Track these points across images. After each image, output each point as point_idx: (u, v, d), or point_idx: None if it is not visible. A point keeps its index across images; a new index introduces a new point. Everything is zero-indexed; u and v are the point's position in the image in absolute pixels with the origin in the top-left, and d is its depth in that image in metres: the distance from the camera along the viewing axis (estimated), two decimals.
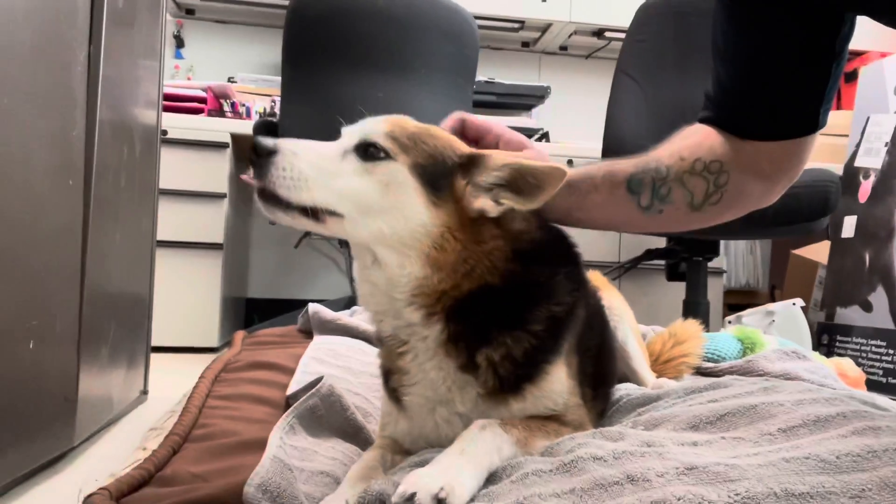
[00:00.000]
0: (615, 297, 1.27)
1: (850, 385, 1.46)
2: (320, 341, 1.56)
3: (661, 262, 2.94)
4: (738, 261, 3.80)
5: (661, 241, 2.92)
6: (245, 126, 2.86)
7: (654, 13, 2.77)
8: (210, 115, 3.05)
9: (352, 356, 1.44)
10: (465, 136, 1.02)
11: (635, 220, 1.12)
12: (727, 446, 0.79)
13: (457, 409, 0.86)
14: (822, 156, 3.36)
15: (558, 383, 0.88)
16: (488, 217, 0.87)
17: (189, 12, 3.68)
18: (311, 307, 1.79)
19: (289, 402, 1.13)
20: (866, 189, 2.84)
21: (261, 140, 0.83)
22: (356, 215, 0.84)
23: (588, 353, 0.97)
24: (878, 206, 2.77)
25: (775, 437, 0.81)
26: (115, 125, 1.49)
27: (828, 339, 2.81)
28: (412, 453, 0.88)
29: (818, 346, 2.77)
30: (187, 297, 2.82)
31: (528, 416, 0.87)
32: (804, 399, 0.88)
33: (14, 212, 1.08)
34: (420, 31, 2.47)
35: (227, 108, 3.12)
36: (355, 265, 0.92)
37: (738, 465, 0.70)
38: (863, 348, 2.64)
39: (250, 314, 3.54)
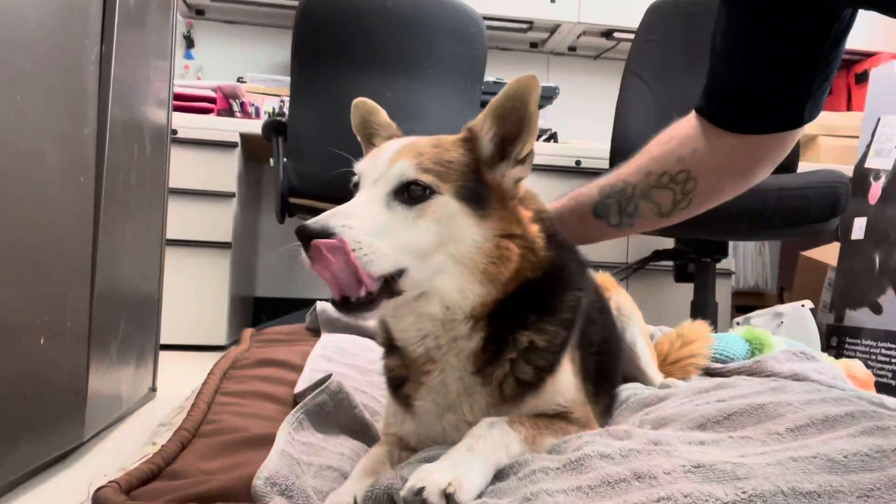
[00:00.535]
0: (623, 298, 1.26)
1: (858, 387, 1.45)
2: (328, 339, 1.56)
3: (670, 264, 2.94)
4: (746, 262, 3.78)
5: (669, 243, 2.92)
6: (254, 126, 2.87)
7: (663, 14, 2.77)
8: (219, 114, 3.07)
9: (359, 354, 1.45)
10: None
11: (607, 235, 1.23)
12: (735, 445, 0.79)
13: (466, 418, 0.86)
14: (833, 157, 3.34)
15: (566, 379, 0.88)
16: (516, 199, 0.88)
17: (199, 13, 3.70)
18: (319, 305, 1.79)
19: (296, 400, 1.13)
20: (876, 190, 2.82)
21: (311, 227, 0.76)
22: (417, 263, 0.80)
23: (590, 348, 0.97)
24: (888, 207, 2.76)
25: (783, 436, 0.81)
26: (126, 124, 1.50)
27: (837, 341, 2.79)
28: (418, 450, 0.88)
29: (827, 349, 2.75)
30: (196, 296, 2.84)
31: (535, 415, 0.87)
32: (812, 399, 0.88)
33: (25, 209, 1.09)
34: (428, 32, 2.48)
35: (236, 107, 3.13)
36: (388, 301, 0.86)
37: (746, 463, 0.70)
38: (872, 350, 2.62)
39: (258, 313, 3.56)
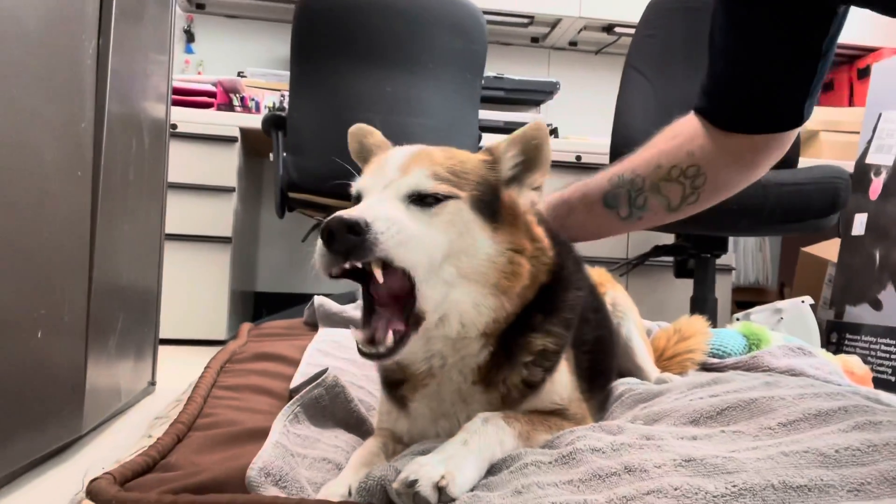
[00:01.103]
0: (619, 293, 1.26)
1: (856, 383, 1.45)
2: (325, 333, 1.56)
3: (670, 259, 2.94)
4: (747, 258, 3.78)
5: (669, 238, 2.92)
6: (254, 120, 2.87)
7: (663, 8, 2.76)
8: (220, 109, 3.07)
9: (356, 348, 1.45)
10: None
11: (615, 228, 1.22)
12: (726, 440, 0.79)
13: (461, 423, 0.84)
14: (834, 152, 3.34)
15: (562, 377, 0.88)
16: (528, 213, 0.88)
17: (199, 7, 3.70)
18: (317, 300, 1.80)
19: (292, 395, 1.14)
20: (877, 186, 2.82)
21: (343, 216, 0.72)
22: (427, 272, 0.77)
23: (583, 347, 0.97)
24: (889, 203, 2.75)
25: (775, 431, 0.81)
26: (124, 118, 1.50)
27: (837, 337, 2.79)
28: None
29: (827, 345, 2.75)
30: (196, 291, 2.84)
31: (531, 411, 0.87)
32: (805, 393, 0.88)
33: (23, 201, 1.09)
34: (428, 26, 2.47)
35: (236, 102, 3.13)
36: None
37: (737, 457, 0.70)
38: (872, 347, 2.62)
39: (259, 308, 3.56)
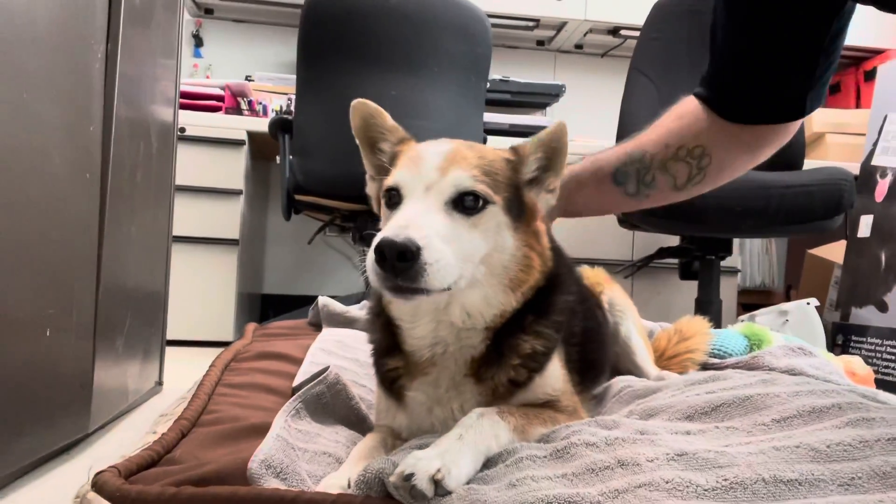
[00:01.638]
0: (617, 292, 1.27)
1: (858, 383, 1.45)
2: (328, 333, 1.58)
3: (675, 261, 2.94)
4: (753, 261, 3.77)
5: (674, 240, 2.92)
6: (261, 124, 2.90)
7: (668, 11, 2.77)
8: (227, 112, 3.10)
9: (359, 347, 1.46)
10: None
11: (623, 205, 1.23)
12: (720, 435, 0.80)
13: (454, 416, 0.87)
14: (839, 154, 3.33)
15: (555, 370, 0.90)
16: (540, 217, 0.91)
17: (208, 12, 3.74)
18: (321, 300, 1.81)
19: (294, 393, 1.15)
20: (883, 188, 2.81)
21: (395, 241, 0.73)
22: (465, 272, 0.80)
23: (572, 339, 0.99)
24: (894, 205, 2.74)
25: (769, 427, 0.82)
26: (133, 121, 1.53)
27: (842, 339, 2.78)
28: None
29: (833, 346, 2.75)
30: (203, 292, 2.87)
31: (524, 404, 0.88)
32: (801, 391, 0.89)
33: (32, 204, 1.11)
34: (432, 29, 2.49)
35: (244, 105, 3.16)
36: (415, 308, 0.87)
37: (729, 452, 0.71)
38: (878, 348, 2.61)
39: (265, 310, 3.59)
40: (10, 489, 1.08)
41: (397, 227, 0.75)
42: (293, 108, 2.83)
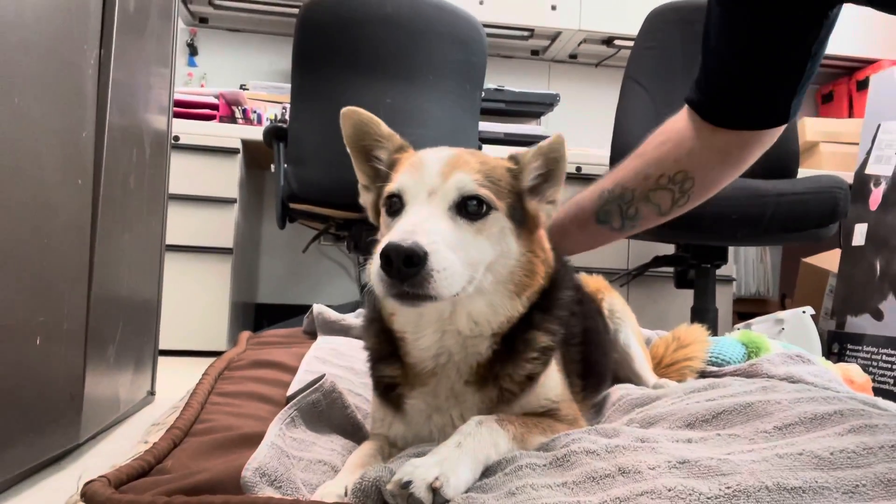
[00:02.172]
0: (616, 300, 1.27)
1: (856, 391, 1.45)
2: (323, 341, 1.57)
3: (670, 269, 2.93)
4: (748, 269, 3.78)
5: (669, 248, 2.92)
6: (256, 132, 2.89)
7: (662, 21, 2.78)
8: (222, 121, 3.10)
9: (354, 356, 1.45)
10: None
11: (612, 238, 1.27)
12: (722, 443, 0.79)
13: (454, 423, 0.86)
14: (833, 163, 3.34)
15: (554, 377, 0.89)
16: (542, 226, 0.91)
17: (202, 21, 3.74)
18: (316, 308, 1.80)
19: (289, 402, 1.14)
20: (877, 196, 2.82)
21: (402, 245, 0.72)
22: (471, 279, 0.80)
23: (571, 341, 0.98)
24: (888, 213, 2.75)
25: (771, 434, 0.81)
26: (125, 129, 1.52)
27: (838, 347, 2.78)
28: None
29: (829, 355, 2.74)
30: (197, 301, 2.85)
31: (524, 413, 0.87)
32: (801, 398, 0.88)
33: (23, 208, 1.10)
34: (427, 38, 2.49)
35: (238, 114, 3.15)
36: (419, 318, 0.86)
37: (731, 460, 0.70)
38: (874, 357, 2.61)
39: (259, 319, 3.57)
40: None
41: (403, 232, 0.74)
42: (288, 117, 2.83)
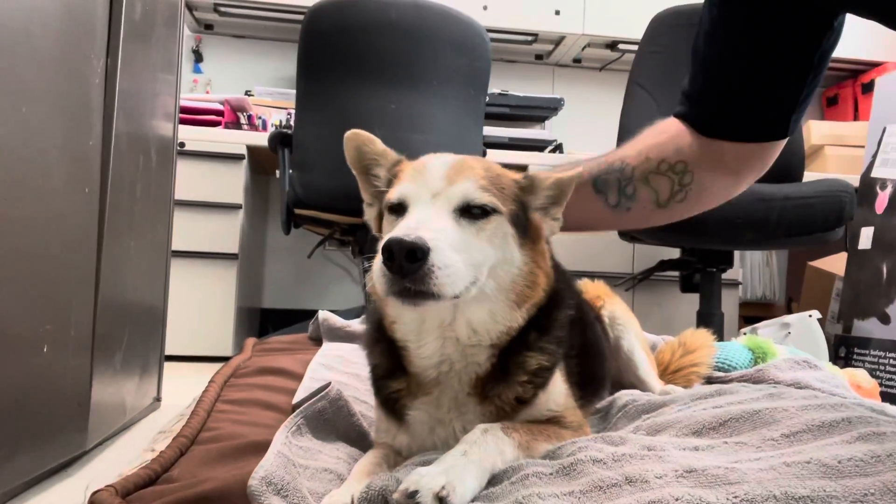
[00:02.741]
0: (618, 306, 1.26)
1: (864, 396, 1.44)
2: (329, 348, 1.57)
3: (675, 274, 2.93)
4: (754, 273, 3.77)
5: (674, 252, 2.91)
6: (261, 138, 2.90)
7: (666, 25, 2.78)
8: (227, 127, 3.10)
9: (360, 363, 1.44)
10: None
11: (605, 219, 1.20)
12: (729, 451, 0.79)
13: (456, 435, 0.85)
14: (839, 167, 3.34)
15: (558, 386, 0.89)
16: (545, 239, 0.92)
17: (208, 27, 3.75)
18: (321, 314, 1.80)
19: (295, 410, 1.14)
20: (883, 200, 2.81)
21: (404, 239, 0.71)
22: (473, 283, 0.80)
23: (571, 352, 0.98)
24: (895, 216, 2.74)
25: (778, 442, 0.80)
26: (132, 136, 1.52)
27: (845, 351, 2.77)
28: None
29: (835, 359, 2.73)
30: (202, 307, 2.86)
31: (529, 421, 0.87)
32: (809, 405, 0.88)
33: (30, 218, 1.11)
34: (432, 44, 2.50)
35: (243, 120, 3.16)
36: (420, 325, 0.86)
37: (739, 468, 0.70)
38: (881, 361, 2.60)
39: (264, 324, 3.57)
40: None
41: (406, 228, 0.74)
42: (293, 123, 2.84)
